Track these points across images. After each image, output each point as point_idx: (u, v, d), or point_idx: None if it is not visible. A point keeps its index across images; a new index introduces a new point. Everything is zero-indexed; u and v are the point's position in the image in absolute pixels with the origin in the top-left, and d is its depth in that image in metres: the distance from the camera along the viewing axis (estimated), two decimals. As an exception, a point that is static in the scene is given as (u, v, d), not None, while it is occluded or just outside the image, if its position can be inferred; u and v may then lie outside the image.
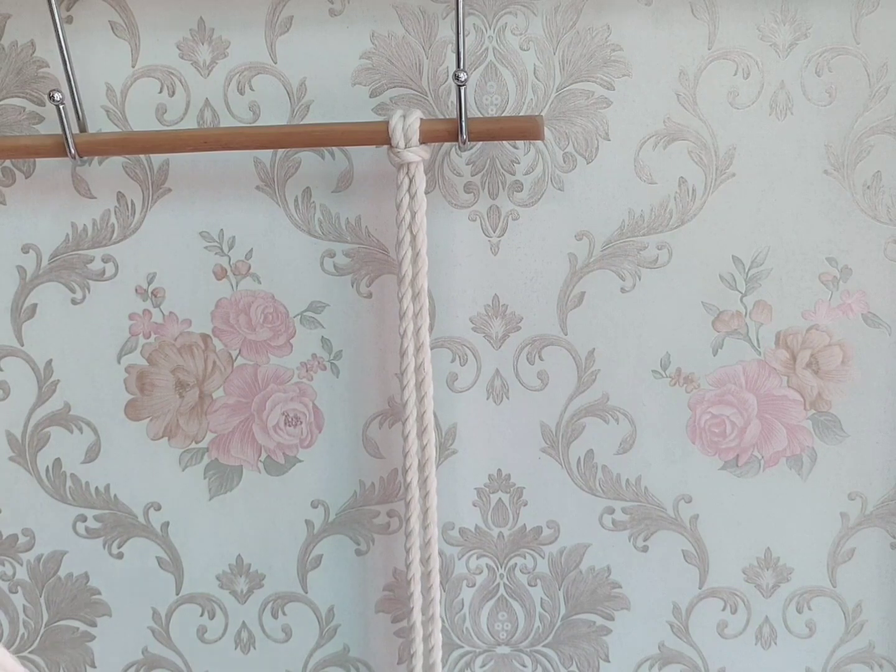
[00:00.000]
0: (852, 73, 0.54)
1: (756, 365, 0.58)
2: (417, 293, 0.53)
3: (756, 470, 0.60)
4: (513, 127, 0.53)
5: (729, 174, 0.56)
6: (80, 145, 0.53)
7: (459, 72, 0.51)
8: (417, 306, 0.53)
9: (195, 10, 0.54)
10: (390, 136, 0.51)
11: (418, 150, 0.52)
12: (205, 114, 0.55)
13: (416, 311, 0.53)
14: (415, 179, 0.52)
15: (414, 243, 0.53)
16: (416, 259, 0.53)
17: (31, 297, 0.58)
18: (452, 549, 0.61)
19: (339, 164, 0.56)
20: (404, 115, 0.51)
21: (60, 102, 0.51)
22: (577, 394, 0.59)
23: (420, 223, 0.53)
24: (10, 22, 0.55)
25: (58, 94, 0.51)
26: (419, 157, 0.52)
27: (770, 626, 0.62)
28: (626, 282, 0.57)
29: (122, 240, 0.57)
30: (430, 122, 0.52)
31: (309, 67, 0.55)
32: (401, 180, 0.53)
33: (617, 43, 0.54)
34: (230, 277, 0.58)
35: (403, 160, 0.52)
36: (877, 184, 0.56)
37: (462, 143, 0.52)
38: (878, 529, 0.60)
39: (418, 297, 0.53)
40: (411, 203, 0.53)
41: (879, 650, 0.62)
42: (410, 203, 0.53)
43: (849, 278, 0.57)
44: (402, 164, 0.52)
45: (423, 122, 0.52)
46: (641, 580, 0.61)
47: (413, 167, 0.52)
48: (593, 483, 0.60)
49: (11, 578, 0.62)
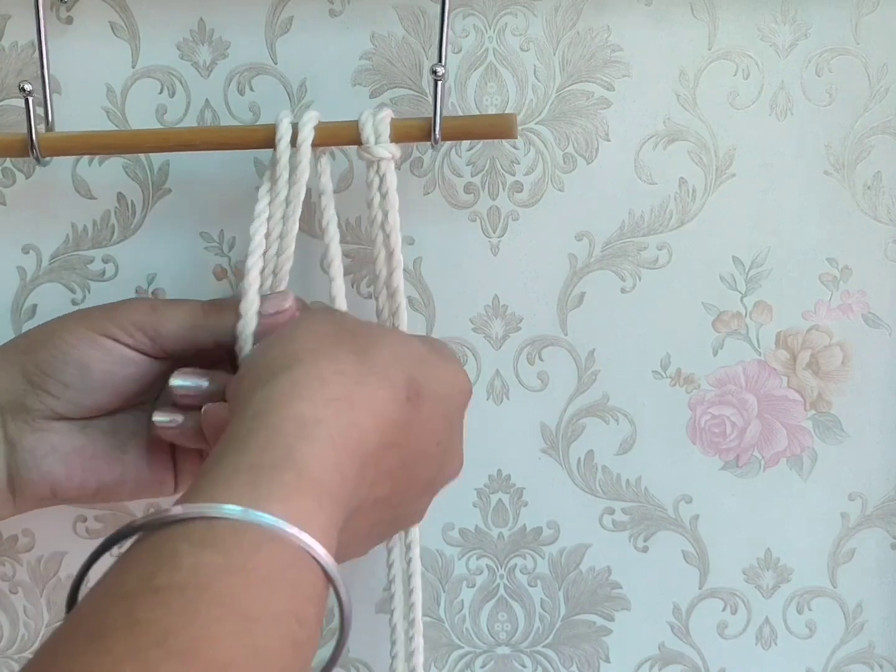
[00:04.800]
0: (852, 73, 0.54)
1: (756, 365, 0.58)
2: (393, 293, 0.52)
3: (756, 470, 0.60)
4: (487, 125, 0.52)
5: (729, 174, 0.56)
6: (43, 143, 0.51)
7: (437, 66, 0.50)
8: (394, 306, 0.53)
9: (195, 11, 0.54)
10: (360, 132, 0.50)
11: (389, 147, 0.50)
12: (205, 114, 0.55)
13: (392, 310, 0.53)
14: (385, 178, 0.51)
15: (387, 242, 0.52)
16: (389, 258, 0.52)
17: (32, 297, 0.58)
18: (452, 549, 0.61)
19: (340, 165, 0.56)
20: (374, 112, 0.51)
21: (30, 94, 0.50)
22: (578, 394, 0.59)
23: (393, 222, 0.52)
24: (10, 22, 0.55)
25: (28, 86, 0.50)
26: (390, 153, 0.50)
27: (770, 626, 0.62)
28: (626, 282, 0.57)
29: (123, 240, 0.57)
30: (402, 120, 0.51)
31: (309, 68, 0.55)
32: (370, 178, 0.51)
33: (617, 43, 0.54)
34: (230, 278, 0.58)
35: (374, 156, 0.50)
36: (877, 184, 0.56)
37: (434, 141, 0.51)
38: (878, 530, 0.60)
39: (394, 297, 0.52)
40: (382, 202, 0.52)
41: (879, 650, 0.62)
42: (382, 202, 0.52)
43: (849, 278, 0.57)
44: (372, 161, 0.51)
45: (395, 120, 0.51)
46: (641, 580, 0.61)
47: (384, 164, 0.51)
48: (593, 483, 0.60)
49: (11, 579, 0.62)
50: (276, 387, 0.40)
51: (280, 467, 0.36)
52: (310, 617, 0.34)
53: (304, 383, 0.40)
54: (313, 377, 0.40)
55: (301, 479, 0.36)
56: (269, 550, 0.34)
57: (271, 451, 0.37)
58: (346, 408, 0.40)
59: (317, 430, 0.38)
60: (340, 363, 0.42)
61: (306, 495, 0.36)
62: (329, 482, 0.37)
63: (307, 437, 0.38)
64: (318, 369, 0.41)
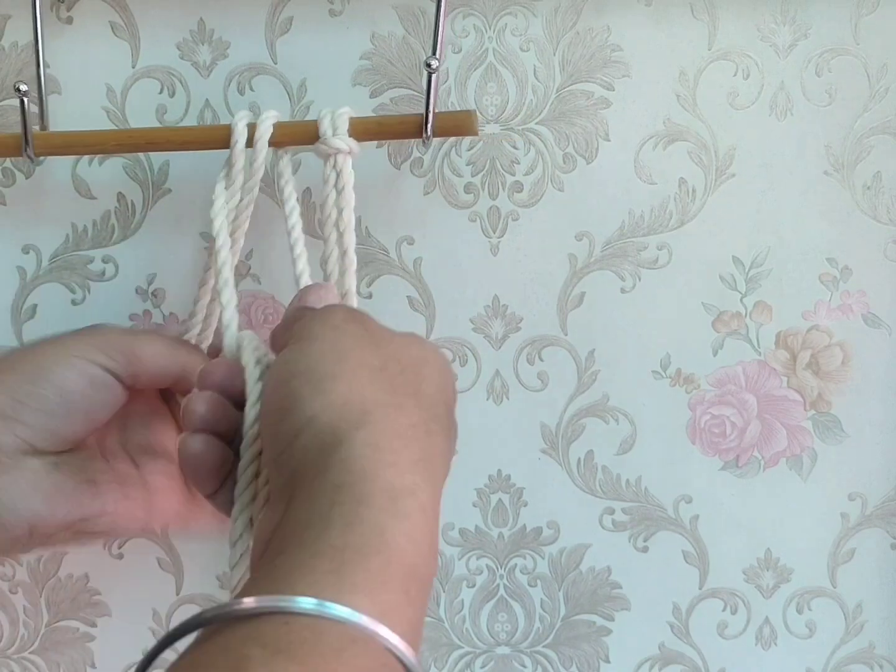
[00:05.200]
0: (852, 73, 0.54)
1: (756, 365, 0.58)
2: (344, 294, 0.52)
3: (756, 470, 0.60)
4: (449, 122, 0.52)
5: (729, 175, 0.56)
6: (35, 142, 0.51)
7: (431, 59, 0.50)
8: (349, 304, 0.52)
9: (195, 11, 0.54)
10: (318, 126, 0.50)
11: (346, 140, 0.50)
12: (205, 114, 0.55)
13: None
14: (342, 173, 0.50)
15: (341, 241, 0.51)
16: (342, 258, 0.52)
17: (32, 297, 0.58)
18: (452, 549, 0.61)
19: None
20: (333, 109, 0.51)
21: (25, 94, 0.50)
22: (578, 394, 0.59)
23: (347, 220, 0.51)
24: (10, 22, 0.55)
25: (23, 86, 0.50)
26: (347, 146, 0.50)
27: (770, 626, 0.62)
28: (626, 282, 0.57)
29: (123, 240, 0.57)
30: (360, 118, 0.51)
31: (309, 68, 0.55)
32: (327, 174, 0.50)
33: (617, 43, 0.54)
34: (230, 278, 0.58)
35: (331, 148, 0.50)
36: (877, 184, 0.56)
37: (425, 138, 0.50)
38: (878, 530, 0.60)
39: (345, 298, 0.52)
40: (338, 199, 0.50)
41: (879, 650, 0.62)
42: (337, 199, 0.50)
43: (849, 279, 0.57)
44: (329, 155, 0.50)
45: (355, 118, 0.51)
46: (641, 581, 0.61)
47: (341, 159, 0.50)
48: (593, 483, 0.60)
49: (11, 579, 0.62)
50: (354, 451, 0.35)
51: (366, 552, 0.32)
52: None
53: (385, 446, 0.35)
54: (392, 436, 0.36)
55: (391, 566, 0.32)
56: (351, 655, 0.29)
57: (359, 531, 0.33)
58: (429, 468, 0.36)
59: (410, 503, 0.34)
60: (407, 412, 0.37)
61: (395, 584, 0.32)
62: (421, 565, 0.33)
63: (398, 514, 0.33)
64: (391, 424, 0.36)
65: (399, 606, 0.32)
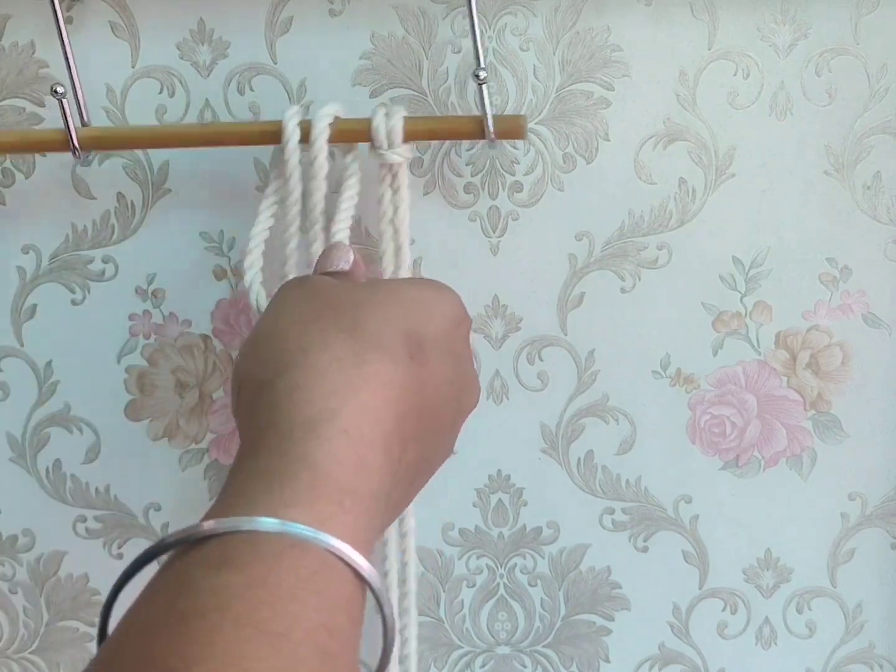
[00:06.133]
0: (852, 73, 0.54)
1: (756, 365, 0.58)
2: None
3: (756, 470, 0.60)
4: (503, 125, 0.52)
5: (729, 174, 0.56)
6: (82, 140, 0.52)
7: (479, 70, 0.50)
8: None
9: (195, 11, 0.54)
10: (373, 136, 0.51)
11: (402, 153, 0.51)
12: (205, 114, 0.55)
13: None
14: (398, 175, 0.52)
15: (396, 238, 0.53)
16: (397, 254, 0.53)
17: (31, 297, 0.58)
18: (452, 549, 0.61)
19: (340, 165, 0.56)
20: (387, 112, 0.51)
21: (63, 96, 0.51)
22: (577, 394, 0.59)
23: (402, 217, 0.53)
24: (10, 22, 0.55)
25: (60, 88, 0.51)
26: (402, 158, 0.51)
27: (770, 626, 0.62)
28: (626, 282, 0.57)
29: (123, 240, 0.57)
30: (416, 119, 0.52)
31: (309, 68, 0.55)
32: (382, 174, 0.52)
33: (617, 43, 0.54)
34: (230, 278, 0.58)
35: (387, 161, 0.51)
36: (877, 184, 0.56)
37: (490, 140, 0.51)
38: (878, 530, 0.60)
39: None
40: (394, 198, 0.52)
41: (879, 650, 0.62)
42: (393, 198, 0.52)
43: (849, 278, 0.57)
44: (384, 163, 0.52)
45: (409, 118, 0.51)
46: (641, 580, 0.61)
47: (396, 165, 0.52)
48: (593, 483, 0.60)
49: (11, 579, 0.62)
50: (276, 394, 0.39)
51: (293, 473, 0.35)
52: (341, 625, 0.33)
53: (303, 384, 0.38)
54: (311, 374, 0.39)
55: (317, 481, 0.35)
56: (289, 559, 0.32)
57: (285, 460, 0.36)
58: (351, 395, 0.38)
59: (328, 428, 0.37)
60: (333, 348, 0.40)
61: (324, 498, 0.35)
62: (351, 480, 0.36)
63: (319, 438, 0.36)
64: (314, 363, 0.39)
65: (334, 515, 0.34)
